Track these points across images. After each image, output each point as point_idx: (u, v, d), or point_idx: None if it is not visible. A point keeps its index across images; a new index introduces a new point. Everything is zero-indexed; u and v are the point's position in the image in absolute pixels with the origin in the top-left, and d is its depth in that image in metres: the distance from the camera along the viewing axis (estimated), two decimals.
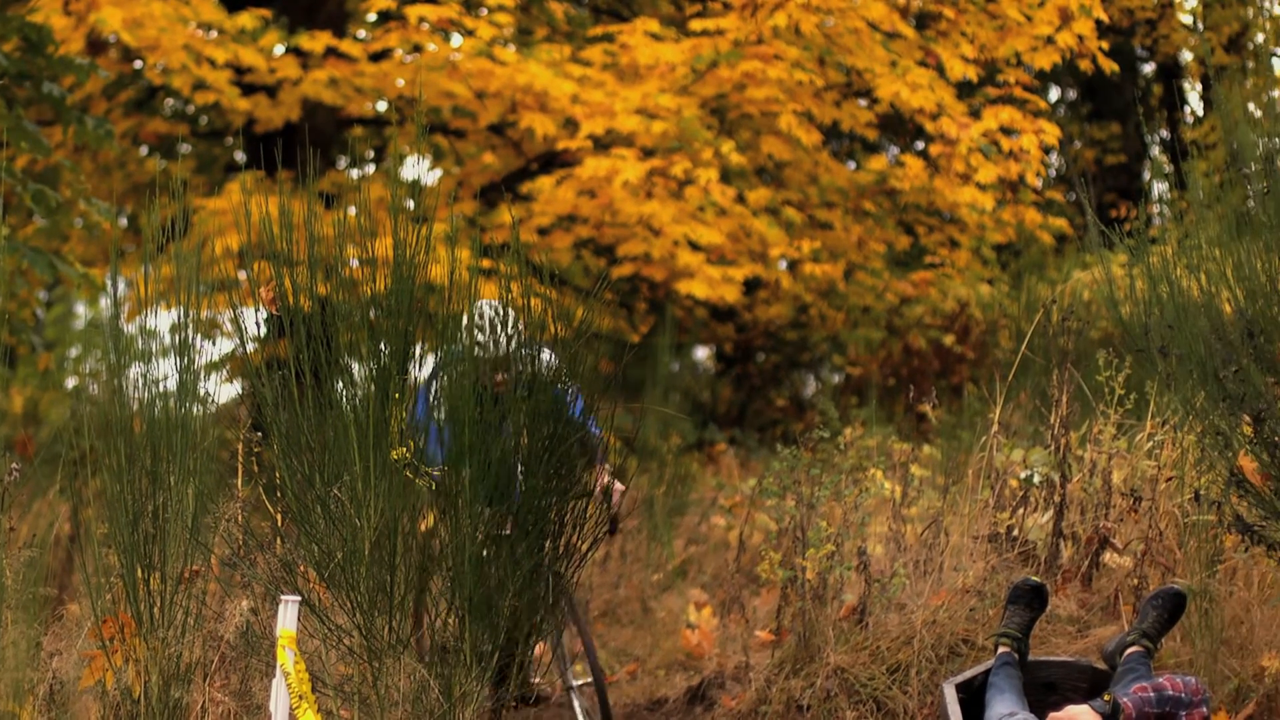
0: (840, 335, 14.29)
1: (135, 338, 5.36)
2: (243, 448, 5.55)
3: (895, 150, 15.72)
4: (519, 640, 5.59)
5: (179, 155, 13.97)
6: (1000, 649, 5.50)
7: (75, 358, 14.95)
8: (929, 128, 12.58)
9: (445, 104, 12.84)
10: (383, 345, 5.28)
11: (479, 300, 5.62)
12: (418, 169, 8.37)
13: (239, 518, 5.47)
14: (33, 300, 11.88)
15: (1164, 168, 16.78)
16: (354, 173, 14.96)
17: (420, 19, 12.21)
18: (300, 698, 4.87)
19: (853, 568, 6.70)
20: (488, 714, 5.87)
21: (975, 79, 12.65)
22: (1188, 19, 15.61)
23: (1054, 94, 18.07)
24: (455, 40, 12.69)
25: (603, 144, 12.38)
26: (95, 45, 12.56)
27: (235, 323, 5.42)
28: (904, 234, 13.90)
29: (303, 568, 5.33)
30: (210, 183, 13.86)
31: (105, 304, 5.78)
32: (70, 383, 13.41)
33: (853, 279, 13.68)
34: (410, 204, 5.47)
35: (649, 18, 12.91)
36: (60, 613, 6.11)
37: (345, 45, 12.20)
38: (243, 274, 5.60)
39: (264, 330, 5.50)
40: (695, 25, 12.35)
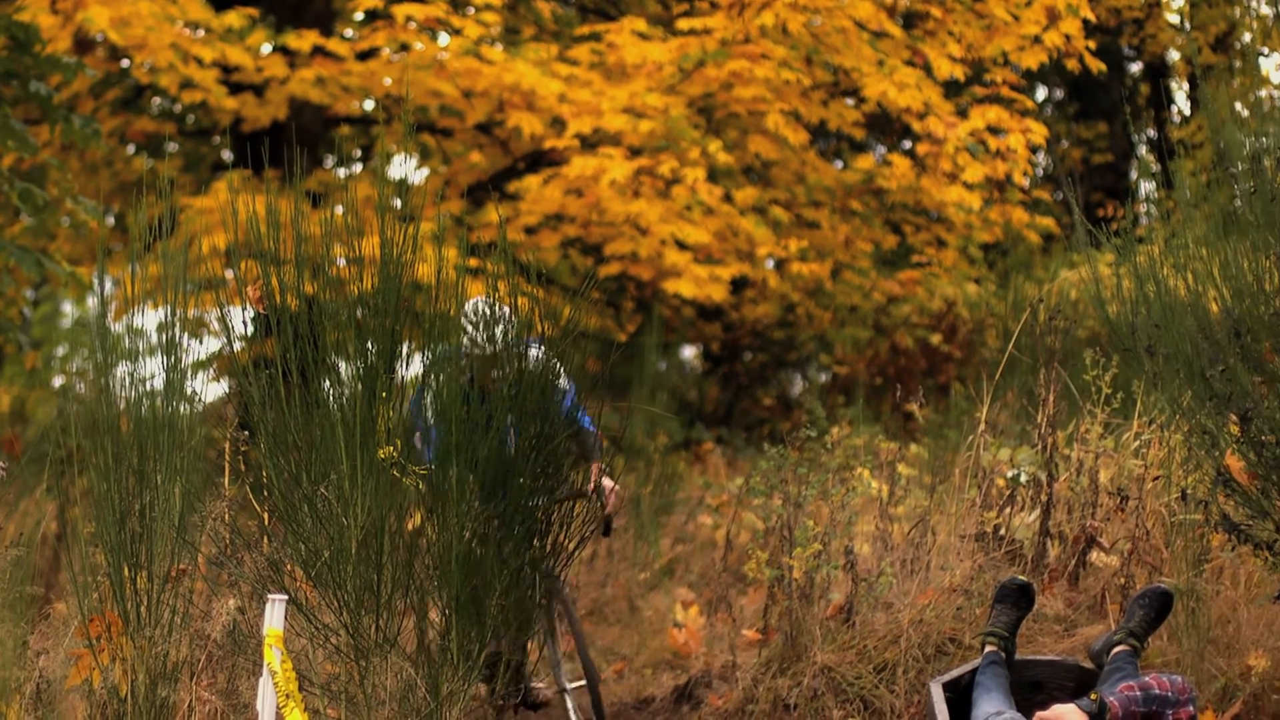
0: (827, 334, 14.29)
1: (122, 336, 5.36)
2: (230, 447, 5.55)
3: (882, 149, 15.71)
4: (513, 638, 5.59)
5: (166, 154, 13.93)
6: (987, 648, 5.50)
7: (62, 356, 14.91)
8: (916, 127, 12.59)
9: (432, 103, 12.83)
10: (370, 344, 5.27)
11: (474, 298, 5.62)
12: (405, 168, 8.36)
13: (226, 516, 5.47)
14: (20, 299, 11.84)
15: (1151, 167, 16.84)
16: (341, 172, 14.96)
17: (407, 18, 12.19)
18: (287, 696, 4.86)
19: (839, 567, 6.70)
20: (491, 718, 5.88)
21: (962, 78, 12.66)
22: (1175, 18, 15.62)
23: (1041, 93, 18.09)
24: (442, 39, 12.69)
25: (590, 143, 12.37)
26: (82, 44, 12.53)
27: (222, 321, 5.42)
28: (891, 233, 13.90)
29: (289, 566, 5.33)
30: (197, 181, 13.84)
31: (92, 302, 5.78)
32: (57, 381, 13.37)
33: (840, 278, 13.68)
34: (397, 203, 5.47)
35: (636, 17, 12.91)
36: (47, 611, 6.10)
37: (332, 44, 12.18)
38: (230, 273, 5.60)
39: (251, 329, 5.50)
40: (682, 24, 12.35)
